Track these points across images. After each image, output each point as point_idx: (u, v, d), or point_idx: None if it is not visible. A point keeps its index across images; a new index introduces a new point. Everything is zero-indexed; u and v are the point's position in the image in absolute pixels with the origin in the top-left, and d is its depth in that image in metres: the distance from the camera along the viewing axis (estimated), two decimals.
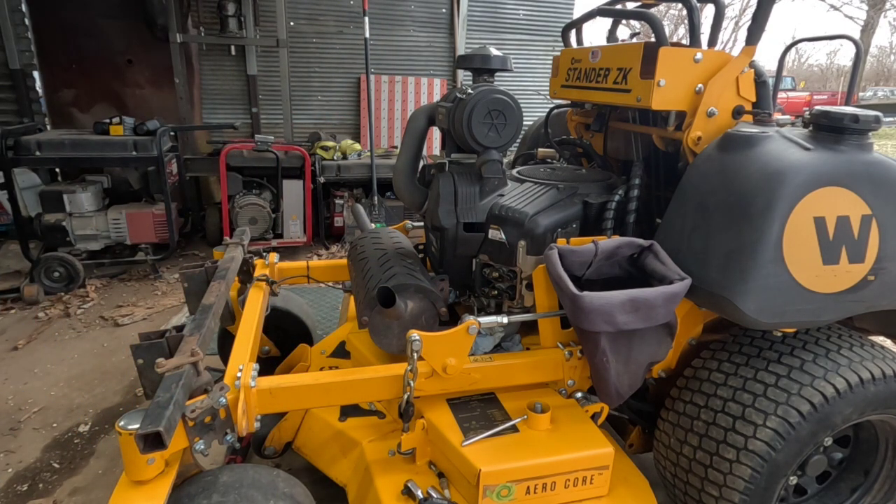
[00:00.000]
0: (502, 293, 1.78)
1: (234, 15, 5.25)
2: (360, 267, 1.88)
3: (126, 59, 5.40)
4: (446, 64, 6.30)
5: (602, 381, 1.48)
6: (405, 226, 2.36)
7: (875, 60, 36.03)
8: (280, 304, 2.32)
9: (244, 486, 1.22)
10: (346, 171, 5.03)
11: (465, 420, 1.48)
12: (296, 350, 2.09)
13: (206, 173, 5.09)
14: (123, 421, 1.15)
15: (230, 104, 5.75)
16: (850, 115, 1.40)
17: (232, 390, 1.30)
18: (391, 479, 1.45)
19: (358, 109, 6.08)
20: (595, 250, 1.52)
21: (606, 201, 1.75)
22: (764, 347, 1.56)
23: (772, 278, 1.36)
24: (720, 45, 1.91)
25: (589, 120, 2.17)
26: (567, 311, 1.47)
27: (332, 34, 5.86)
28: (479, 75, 1.87)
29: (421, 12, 6.08)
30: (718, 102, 1.61)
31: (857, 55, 2.54)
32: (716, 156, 1.52)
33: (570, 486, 1.40)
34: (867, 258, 1.42)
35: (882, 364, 1.49)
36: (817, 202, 1.36)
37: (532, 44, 6.58)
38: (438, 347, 1.42)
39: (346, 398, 1.50)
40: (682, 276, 1.43)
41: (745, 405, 1.47)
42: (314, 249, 5.04)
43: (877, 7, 21.22)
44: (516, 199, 1.76)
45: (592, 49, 1.90)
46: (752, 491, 1.45)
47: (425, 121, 1.91)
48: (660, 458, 1.69)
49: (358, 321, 1.64)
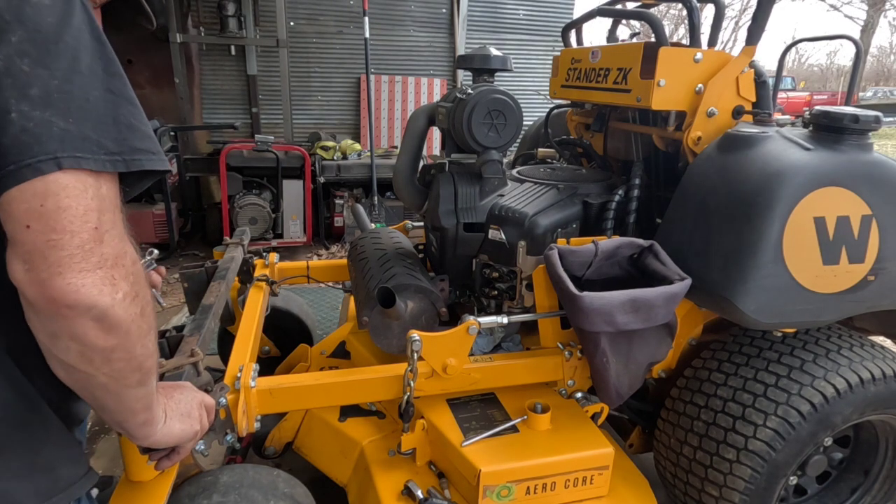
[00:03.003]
0: (502, 293, 1.78)
1: (234, 15, 5.24)
2: (360, 267, 1.88)
3: (126, 59, 5.40)
4: (446, 64, 6.30)
5: (602, 381, 1.48)
6: (405, 226, 2.36)
7: (875, 60, 36.05)
8: (280, 304, 2.31)
9: (244, 486, 1.22)
10: (346, 171, 5.03)
11: (465, 420, 1.48)
12: (296, 350, 2.09)
13: (206, 173, 5.09)
14: None
15: (230, 104, 5.75)
16: (850, 115, 1.40)
17: (232, 390, 1.30)
18: (391, 480, 1.45)
19: (358, 109, 6.08)
20: (595, 250, 1.52)
21: (606, 201, 1.75)
22: (764, 347, 1.56)
23: (772, 278, 1.36)
24: (720, 45, 1.91)
25: (589, 120, 2.17)
26: (567, 312, 1.47)
27: (332, 34, 5.86)
28: (479, 75, 1.87)
29: (421, 12, 6.08)
30: (718, 102, 1.61)
31: (857, 55, 2.54)
32: (716, 156, 1.52)
33: (570, 487, 1.40)
34: (867, 258, 1.42)
35: (882, 364, 1.49)
36: (817, 202, 1.36)
37: (532, 44, 6.58)
38: (438, 347, 1.42)
39: (346, 398, 1.50)
40: (682, 276, 1.43)
41: (745, 405, 1.47)
42: (314, 249, 5.04)
43: (877, 7, 21.22)
44: (516, 199, 1.76)
45: (592, 49, 1.90)
46: (752, 491, 1.45)
47: (425, 121, 1.91)
48: (660, 458, 1.69)
49: (358, 321, 1.64)
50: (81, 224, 0.64)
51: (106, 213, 0.67)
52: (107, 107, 0.69)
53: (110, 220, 0.68)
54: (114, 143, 0.68)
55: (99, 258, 0.66)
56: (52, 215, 0.62)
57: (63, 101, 0.64)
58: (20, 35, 0.63)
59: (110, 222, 0.68)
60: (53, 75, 0.64)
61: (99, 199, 0.66)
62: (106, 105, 0.69)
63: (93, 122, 0.67)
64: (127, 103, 0.72)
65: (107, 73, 0.70)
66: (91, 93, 0.67)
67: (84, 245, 0.64)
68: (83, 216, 0.64)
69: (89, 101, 0.67)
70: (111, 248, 0.67)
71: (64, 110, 0.64)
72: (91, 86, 0.67)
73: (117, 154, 0.68)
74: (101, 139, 0.67)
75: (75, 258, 0.64)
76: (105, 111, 0.68)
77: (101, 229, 0.66)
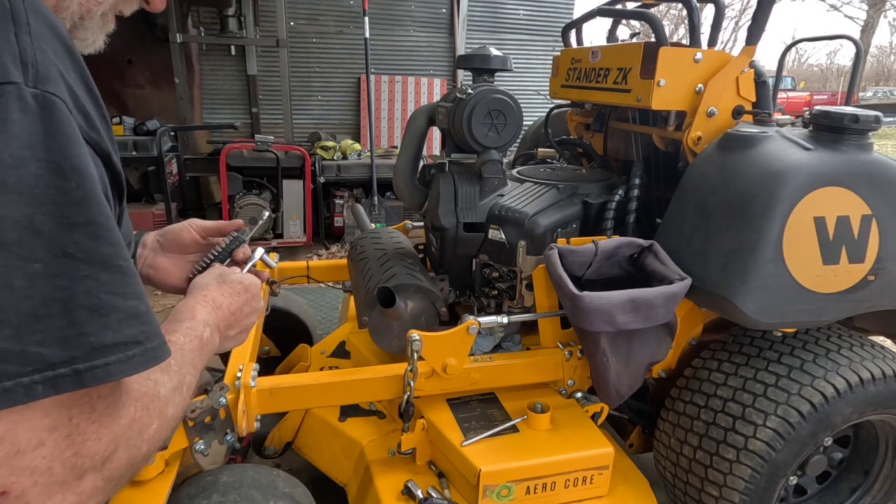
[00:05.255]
0: (502, 293, 1.78)
1: (234, 15, 5.25)
2: (360, 267, 1.88)
3: (126, 59, 5.40)
4: (446, 64, 6.30)
5: (602, 381, 1.48)
6: (405, 226, 2.36)
7: (875, 60, 36.06)
8: (280, 304, 2.31)
9: (244, 486, 1.22)
10: (346, 171, 5.03)
11: (465, 420, 1.48)
12: (296, 350, 2.09)
13: (206, 173, 5.09)
14: None
15: (230, 104, 5.75)
16: (850, 115, 1.40)
17: (232, 390, 1.30)
18: (391, 479, 1.45)
19: (358, 109, 6.08)
20: (595, 250, 1.52)
21: (606, 201, 1.75)
22: (764, 347, 1.56)
23: (772, 278, 1.36)
24: (720, 45, 1.91)
25: (589, 120, 2.17)
26: (567, 311, 1.47)
27: (332, 34, 5.86)
28: (479, 75, 1.87)
29: (421, 12, 6.08)
30: (718, 102, 1.61)
31: (857, 55, 2.54)
32: (716, 156, 1.52)
33: (570, 486, 1.40)
34: (867, 258, 1.42)
35: (882, 364, 1.49)
36: (817, 202, 1.36)
37: (532, 44, 6.58)
38: (438, 347, 1.42)
39: (346, 398, 1.50)
40: (682, 276, 1.43)
41: (745, 405, 1.47)
42: (314, 249, 5.04)
43: (877, 7, 21.23)
44: (516, 199, 1.76)
45: (592, 49, 1.90)
46: (752, 491, 1.45)
47: (425, 121, 1.91)
48: (660, 458, 1.69)
49: (358, 321, 1.64)
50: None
51: (34, 454, 0.44)
52: (54, 287, 0.44)
53: (43, 459, 0.45)
54: (58, 346, 0.44)
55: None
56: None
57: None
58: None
59: (43, 462, 0.45)
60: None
61: (13, 444, 0.43)
62: (52, 285, 0.44)
63: (15, 324, 0.42)
64: (98, 269, 0.47)
65: (63, 225, 0.45)
66: (18, 274, 0.42)
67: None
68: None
69: (13, 290, 0.42)
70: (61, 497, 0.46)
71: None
72: (21, 261, 0.43)
73: (63, 364, 0.44)
74: (31, 348, 0.43)
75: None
76: (48, 296, 0.44)
77: (12, 491, 0.44)
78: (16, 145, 0.43)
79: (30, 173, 0.43)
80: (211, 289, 0.89)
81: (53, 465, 0.46)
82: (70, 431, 0.47)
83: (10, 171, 0.42)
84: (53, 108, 0.46)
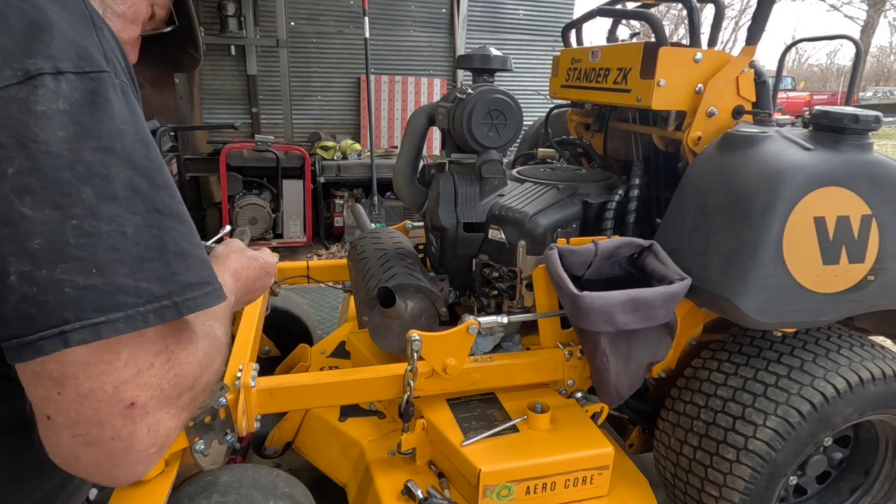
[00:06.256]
0: (502, 293, 1.78)
1: (234, 15, 5.25)
2: (360, 267, 1.88)
3: None
4: (446, 64, 6.30)
5: (602, 381, 1.48)
6: (405, 226, 2.36)
7: (875, 60, 36.06)
8: (280, 304, 2.32)
9: (244, 486, 1.22)
10: (346, 171, 5.03)
11: (465, 420, 1.48)
12: (296, 350, 2.09)
13: (206, 173, 5.09)
14: None
15: (230, 104, 5.75)
16: (850, 115, 1.40)
17: (232, 390, 1.30)
18: (391, 479, 1.45)
19: (358, 109, 6.08)
20: (595, 250, 1.52)
21: (606, 201, 1.75)
22: (764, 347, 1.56)
23: (772, 278, 1.36)
24: (720, 45, 1.91)
25: (589, 120, 2.17)
26: (567, 311, 1.47)
27: (332, 34, 5.86)
28: (479, 75, 1.87)
29: (421, 12, 6.08)
30: (718, 102, 1.61)
31: (857, 55, 2.54)
32: (716, 156, 1.52)
33: (570, 486, 1.40)
34: (867, 258, 1.42)
35: (882, 364, 1.49)
36: (817, 202, 1.36)
37: (532, 44, 6.58)
38: (438, 347, 1.42)
39: (346, 398, 1.50)
40: (682, 276, 1.43)
41: (745, 405, 1.47)
42: (314, 249, 5.04)
43: (877, 7, 21.23)
44: (516, 199, 1.76)
45: (592, 49, 1.90)
46: (752, 491, 1.45)
47: (425, 121, 1.91)
48: (660, 458, 1.69)
49: (358, 321, 1.64)
50: (111, 408, 0.51)
51: (149, 373, 0.54)
52: (151, 236, 0.53)
53: (155, 378, 0.55)
54: (160, 283, 0.53)
55: (143, 439, 0.54)
56: (73, 406, 0.50)
57: (84, 248, 0.49)
58: (19, 163, 0.47)
59: (155, 380, 0.54)
60: (68, 214, 0.49)
61: (135, 364, 0.53)
62: (150, 234, 0.53)
63: (130, 264, 0.51)
64: (177, 222, 0.56)
65: (152, 186, 0.55)
66: (129, 224, 0.52)
67: (119, 433, 0.52)
68: (112, 396, 0.51)
69: (126, 237, 0.51)
70: (153, 420, 0.54)
71: (85, 261, 0.49)
72: (129, 214, 0.52)
73: (165, 297, 0.53)
74: (142, 284, 0.52)
75: (114, 457, 0.53)
76: (149, 243, 0.53)
77: (139, 402, 0.53)
78: (118, 119, 0.53)
79: (129, 142, 0.54)
80: (232, 260, 0.96)
81: (163, 382, 0.55)
82: (169, 357, 0.56)
83: (116, 140, 0.53)
84: (128, 93, 0.57)
